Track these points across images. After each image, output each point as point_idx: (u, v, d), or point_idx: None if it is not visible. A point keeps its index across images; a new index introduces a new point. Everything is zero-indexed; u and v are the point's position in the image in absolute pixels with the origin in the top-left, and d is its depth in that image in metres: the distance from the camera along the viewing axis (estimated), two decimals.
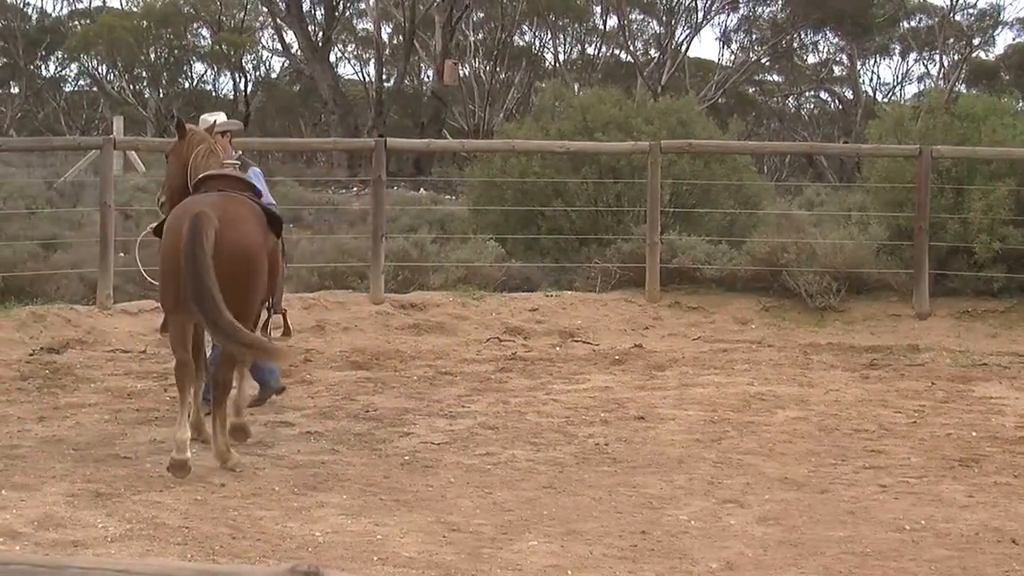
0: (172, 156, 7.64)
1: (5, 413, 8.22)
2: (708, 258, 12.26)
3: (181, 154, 7.50)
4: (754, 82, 36.77)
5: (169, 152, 7.77)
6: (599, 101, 14.59)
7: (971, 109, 12.99)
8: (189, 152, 7.45)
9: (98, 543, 5.71)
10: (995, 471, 7.31)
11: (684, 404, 8.91)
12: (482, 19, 34.30)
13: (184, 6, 34.83)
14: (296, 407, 8.63)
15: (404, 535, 5.97)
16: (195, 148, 7.45)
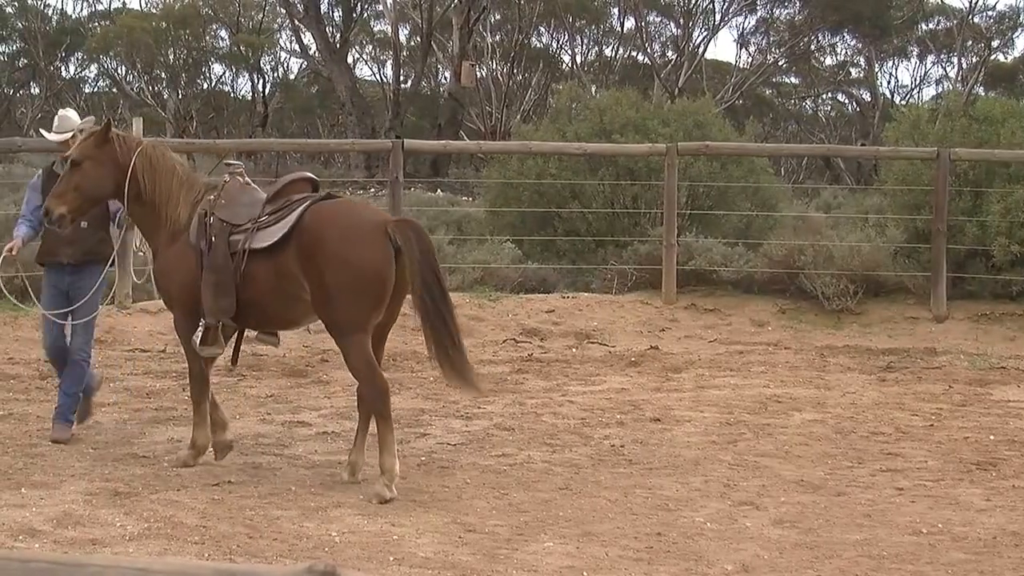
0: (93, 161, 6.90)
1: (24, 412, 8.27)
2: (725, 260, 12.25)
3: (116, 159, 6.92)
4: (771, 84, 36.71)
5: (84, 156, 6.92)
6: (616, 103, 14.60)
7: (989, 112, 12.95)
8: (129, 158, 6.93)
9: (116, 542, 5.74)
10: (1013, 475, 7.28)
11: (700, 406, 8.91)
12: (499, 21, 34.31)
13: (203, 7, 34.96)
14: (313, 407, 8.66)
15: (420, 535, 5.98)
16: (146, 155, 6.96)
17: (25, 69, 36.63)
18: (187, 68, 35.54)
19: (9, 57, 36.78)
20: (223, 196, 6.96)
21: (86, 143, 7.02)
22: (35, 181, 7.60)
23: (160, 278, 7.15)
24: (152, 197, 7.02)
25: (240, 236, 6.80)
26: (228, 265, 6.77)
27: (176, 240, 6.98)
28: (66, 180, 6.98)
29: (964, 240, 11.94)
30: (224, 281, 6.77)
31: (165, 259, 7.04)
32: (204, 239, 6.85)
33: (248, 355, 10.28)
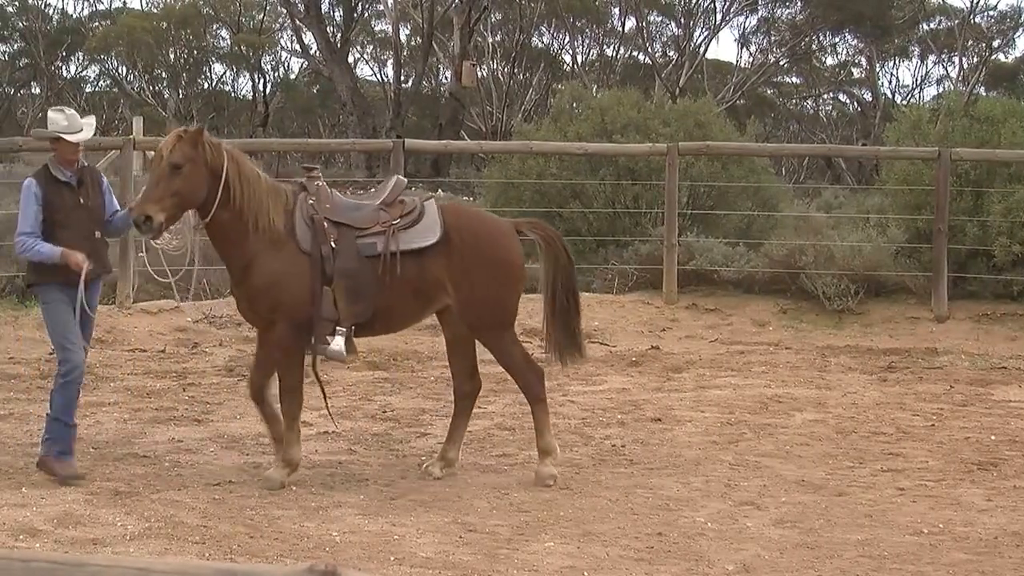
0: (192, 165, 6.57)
1: (25, 411, 8.27)
2: (726, 260, 12.24)
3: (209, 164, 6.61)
4: (772, 84, 36.70)
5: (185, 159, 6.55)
6: (617, 103, 14.59)
7: (990, 111, 12.94)
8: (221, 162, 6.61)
9: (117, 541, 5.74)
10: (1014, 475, 7.28)
11: (701, 406, 8.90)
12: (500, 20, 34.31)
13: (204, 7, 34.97)
14: (314, 407, 8.65)
15: (421, 535, 5.98)
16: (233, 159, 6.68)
17: (26, 69, 36.65)
18: (188, 68, 35.56)
19: (10, 57, 36.80)
20: (324, 200, 6.77)
21: (182, 146, 6.52)
22: (34, 190, 6.66)
23: (265, 289, 6.63)
24: (241, 204, 6.61)
25: (372, 239, 6.70)
26: (363, 268, 6.66)
27: (279, 248, 6.63)
28: (164, 185, 6.45)
29: (965, 240, 11.94)
30: (360, 285, 6.65)
31: (270, 269, 6.61)
32: (322, 244, 6.64)
33: (248, 355, 10.28)
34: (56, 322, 6.70)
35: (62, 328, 6.68)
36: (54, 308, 6.71)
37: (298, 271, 6.62)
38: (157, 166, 6.56)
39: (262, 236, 6.63)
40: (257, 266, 6.65)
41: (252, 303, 6.76)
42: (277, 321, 6.68)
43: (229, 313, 11.05)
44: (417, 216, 6.78)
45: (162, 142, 6.62)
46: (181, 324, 10.83)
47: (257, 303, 6.72)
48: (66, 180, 6.71)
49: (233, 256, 6.73)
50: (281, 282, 6.63)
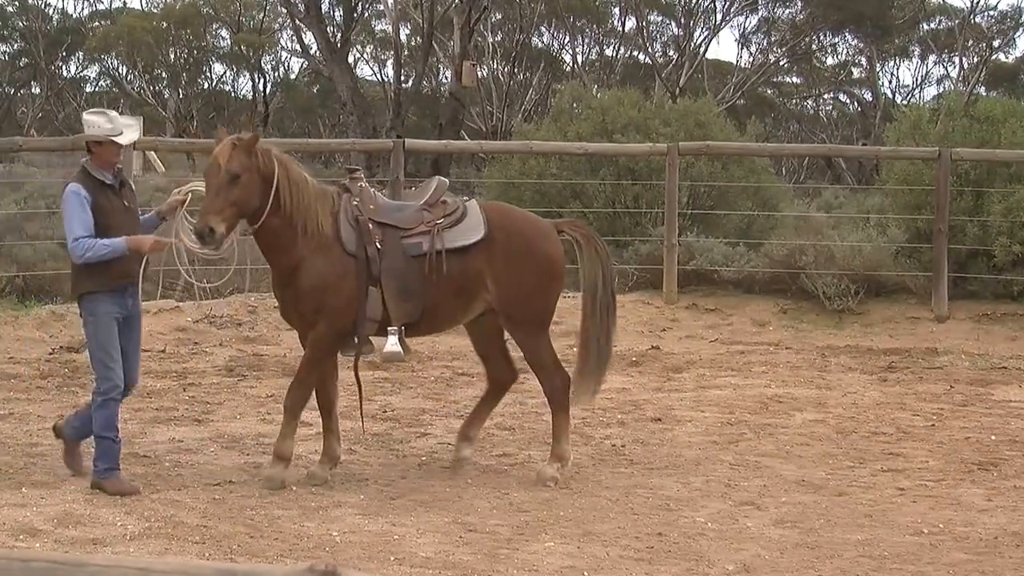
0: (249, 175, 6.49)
1: (25, 411, 8.27)
2: (726, 260, 12.24)
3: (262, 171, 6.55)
4: (773, 84, 36.69)
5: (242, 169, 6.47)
6: (617, 103, 14.59)
7: (991, 111, 12.94)
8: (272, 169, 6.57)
9: (117, 541, 5.74)
10: (1014, 475, 7.28)
11: (701, 406, 8.90)
12: (500, 20, 34.31)
13: (204, 7, 34.97)
14: (313, 407, 8.64)
15: (421, 535, 5.98)
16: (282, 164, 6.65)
17: (26, 69, 36.64)
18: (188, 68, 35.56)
19: (10, 57, 36.80)
20: (368, 201, 6.81)
21: (239, 155, 6.45)
22: (82, 194, 6.47)
23: (311, 292, 6.64)
24: (290, 210, 6.58)
25: (417, 239, 6.76)
26: (411, 268, 6.72)
27: (326, 251, 6.65)
28: (223, 195, 6.39)
29: (965, 240, 11.94)
30: (408, 285, 6.71)
31: (319, 273, 6.62)
32: (367, 245, 6.68)
33: (248, 355, 10.28)
34: (101, 338, 6.54)
35: (107, 344, 6.54)
36: (101, 322, 6.54)
37: (344, 273, 6.67)
38: (215, 176, 6.45)
39: (310, 240, 6.65)
40: (304, 269, 6.65)
41: (298, 305, 6.74)
42: (319, 322, 6.72)
43: (229, 313, 11.05)
44: (460, 215, 6.88)
45: (217, 150, 6.51)
46: (181, 324, 10.82)
47: (303, 305, 6.72)
48: (110, 183, 6.59)
49: (281, 261, 6.70)
50: (327, 285, 6.65)
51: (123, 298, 6.57)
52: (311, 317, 6.73)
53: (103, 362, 6.56)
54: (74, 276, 6.66)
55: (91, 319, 6.56)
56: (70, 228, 6.41)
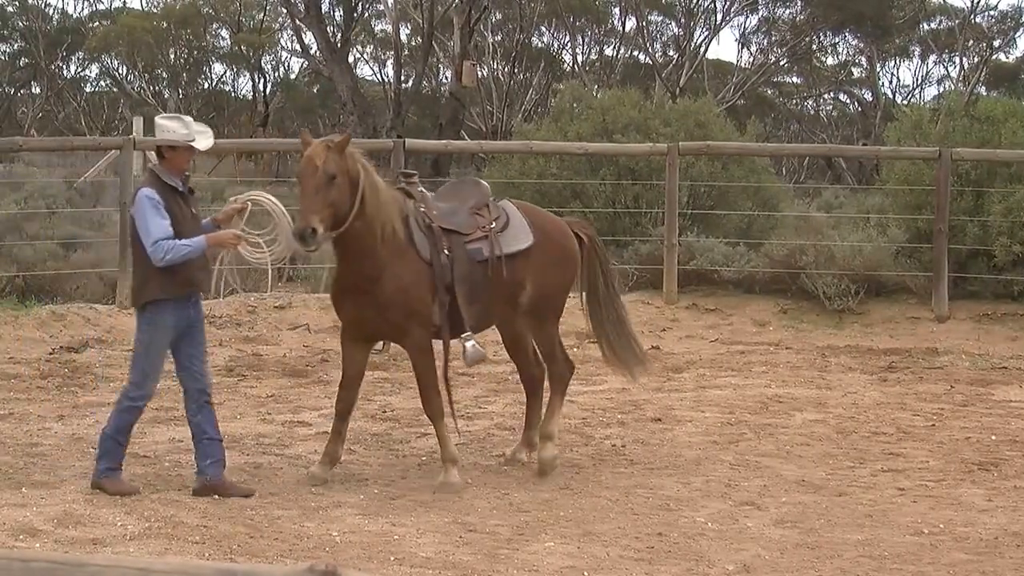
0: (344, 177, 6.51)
1: (25, 411, 8.27)
2: (726, 260, 12.24)
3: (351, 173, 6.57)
4: (773, 84, 36.67)
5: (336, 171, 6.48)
6: (618, 103, 14.59)
7: (991, 111, 12.93)
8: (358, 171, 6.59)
9: (117, 541, 5.73)
10: (1015, 475, 7.27)
11: (701, 406, 8.90)
12: (500, 20, 34.31)
13: (204, 7, 34.97)
14: (313, 407, 8.66)
15: (421, 535, 5.98)
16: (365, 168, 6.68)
17: (26, 69, 36.64)
18: (188, 68, 35.56)
19: (10, 56, 36.79)
20: (431, 207, 6.92)
21: (333, 156, 6.46)
22: (156, 198, 6.36)
23: (400, 298, 6.68)
24: (372, 214, 6.59)
25: (478, 244, 6.92)
26: (476, 273, 6.88)
27: (403, 256, 6.70)
28: (321, 196, 6.37)
29: (966, 240, 11.93)
30: (475, 289, 6.87)
31: (400, 277, 6.68)
32: (440, 252, 6.76)
33: (248, 355, 10.28)
34: (152, 347, 6.51)
35: (156, 355, 6.52)
36: (159, 332, 6.50)
37: (424, 279, 6.74)
38: (312, 176, 6.41)
39: (387, 246, 6.67)
40: (388, 276, 6.66)
41: (385, 313, 6.71)
42: (412, 328, 6.76)
43: (229, 313, 11.05)
44: (507, 220, 7.09)
45: (310, 152, 6.47)
46: None
47: (391, 312, 6.71)
48: (181, 190, 6.52)
49: (362, 267, 6.66)
50: (411, 290, 6.71)
51: (187, 307, 6.54)
52: (402, 323, 6.74)
53: (144, 370, 6.52)
54: (139, 283, 6.54)
55: (149, 327, 6.49)
56: (147, 231, 6.31)
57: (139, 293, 6.55)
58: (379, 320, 6.76)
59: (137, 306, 6.62)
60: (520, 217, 7.17)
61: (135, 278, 6.63)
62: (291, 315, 11.10)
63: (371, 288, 6.66)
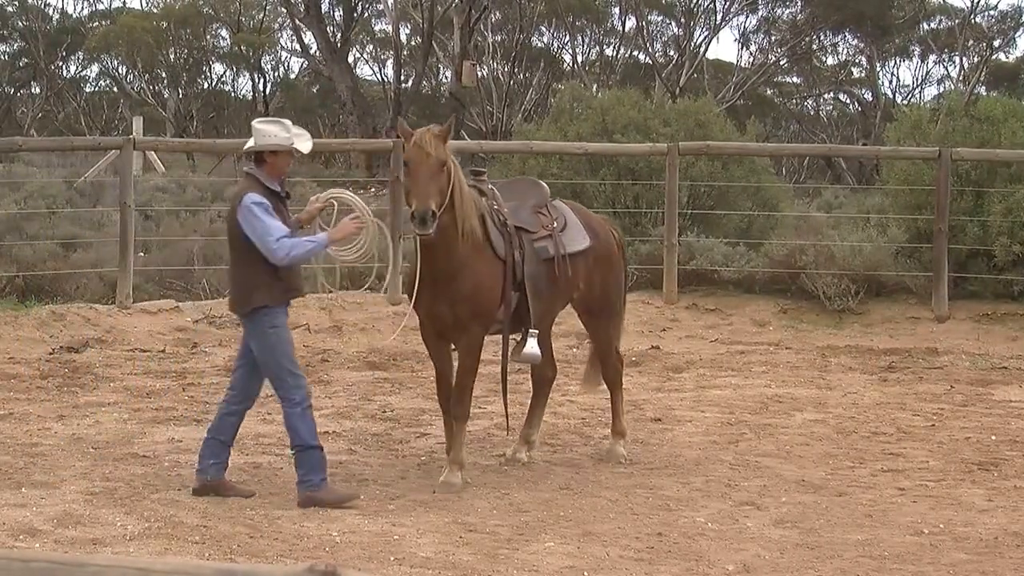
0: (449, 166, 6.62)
1: (25, 411, 8.27)
2: (726, 260, 12.24)
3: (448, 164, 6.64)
4: (773, 84, 36.68)
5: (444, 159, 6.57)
6: (618, 103, 14.58)
7: (991, 111, 12.93)
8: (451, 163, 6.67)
9: (117, 541, 5.73)
10: (1015, 475, 7.27)
11: (701, 406, 8.90)
12: (500, 20, 34.31)
13: (203, 7, 34.97)
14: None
15: (421, 535, 5.98)
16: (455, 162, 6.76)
17: (25, 69, 36.64)
18: (188, 67, 35.56)
19: (10, 57, 36.80)
20: (501, 205, 6.98)
21: (439, 144, 6.50)
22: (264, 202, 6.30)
23: (471, 295, 6.69)
24: (458, 208, 6.59)
25: (544, 243, 7.01)
26: (542, 271, 6.98)
27: (481, 254, 6.72)
28: (434, 181, 6.40)
29: (966, 240, 11.93)
30: (542, 288, 6.97)
31: (477, 275, 6.70)
32: (515, 251, 6.81)
33: None
34: (280, 346, 6.42)
35: (290, 354, 6.47)
36: (282, 334, 6.44)
37: (497, 277, 6.78)
38: (424, 162, 6.44)
39: (467, 242, 6.68)
40: (466, 272, 6.68)
41: (454, 308, 6.71)
42: (473, 326, 6.78)
43: (229, 313, 11.04)
44: (565, 220, 7.23)
45: (417, 138, 6.49)
46: (181, 324, 10.82)
47: (460, 308, 6.72)
48: (281, 194, 6.48)
49: (446, 261, 6.62)
50: (484, 288, 6.76)
51: (285, 312, 6.50)
52: (467, 320, 6.75)
53: (291, 372, 6.45)
54: (246, 289, 6.41)
55: (272, 331, 6.40)
56: (266, 232, 6.23)
57: (246, 299, 6.44)
58: (447, 315, 6.75)
59: (243, 312, 6.50)
60: (575, 218, 7.31)
61: (240, 284, 6.47)
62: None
63: (447, 284, 6.66)
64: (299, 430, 6.41)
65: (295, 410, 6.42)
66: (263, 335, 6.41)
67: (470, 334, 6.79)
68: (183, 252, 12.86)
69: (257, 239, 6.26)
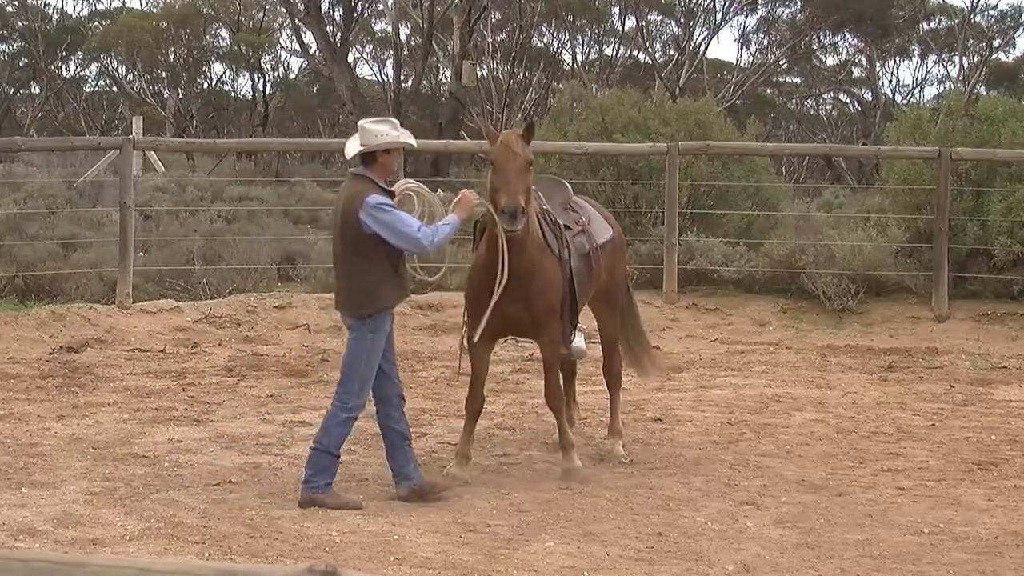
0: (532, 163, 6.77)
1: (25, 411, 8.27)
2: (726, 260, 12.24)
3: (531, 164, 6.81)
4: (772, 84, 36.69)
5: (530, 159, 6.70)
6: (617, 102, 14.58)
7: (991, 111, 12.93)
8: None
9: (116, 541, 5.73)
10: (1014, 474, 7.27)
11: (701, 406, 8.90)
12: (500, 20, 34.31)
13: (203, 7, 34.97)
14: (313, 407, 8.65)
15: (421, 535, 5.98)
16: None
17: (25, 68, 36.63)
18: (187, 67, 35.57)
19: (9, 56, 36.80)
20: (545, 202, 7.11)
21: (524, 143, 6.64)
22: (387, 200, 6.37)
23: (546, 290, 6.80)
24: (531, 207, 6.70)
25: (580, 238, 7.18)
26: (583, 266, 7.16)
27: (544, 252, 6.83)
28: (523, 180, 6.52)
29: (966, 240, 11.93)
30: (583, 282, 7.15)
31: (546, 272, 6.82)
32: (565, 247, 6.97)
33: (248, 355, 10.28)
34: (374, 355, 6.43)
35: (375, 364, 6.46)
36: (379, 340, 6.45)
37: (558, 273, 6.90)
38: (512, 160, 6.55)
39: (534, 241, 6.78)
40: (537, 270, 6.78)
41: (531, 306, 6.80)
42: (550, 322, 6.89)
43: (229, 313, 11.05)
44: (589, 214, 7.44)
45: (507, 140, 6.62)
46: (181, 324, 10.81)
47: (537, 306, 6.82)
48: (389, 191, 6.50)
49: (519, 259, 6.68)
50: (553, 284, 6.87)
51: (391, 317, 6.56)
52: (544, 317, 6.85)
53: (365, 378, 6.45)
54: (367, 291, 6.41)
55: (372, 336, 6.41)
56: (404, 225, 6.30)
57: (368, 301, 6.42)
58: (523, 315, 6.81)
59: (362, 315, 6.45)
60: (595, 211, 7.58)
61: (360, 286, 6.42)
62: (291, 315, 11.10)
63: (522, 282, 6.72)
64: (332, 433, 6.46)
65: (341, 415, 6.47)
66: (363, 337, 6.44)
67: (550, 330, 6.92)
68: (183, 252, 12.86)
69: (396, 233, 6.30)
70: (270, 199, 17.48)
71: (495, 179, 6.58)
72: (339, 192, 6.77)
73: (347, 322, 6.62)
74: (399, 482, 6.57)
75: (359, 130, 6.50)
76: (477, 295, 6.85)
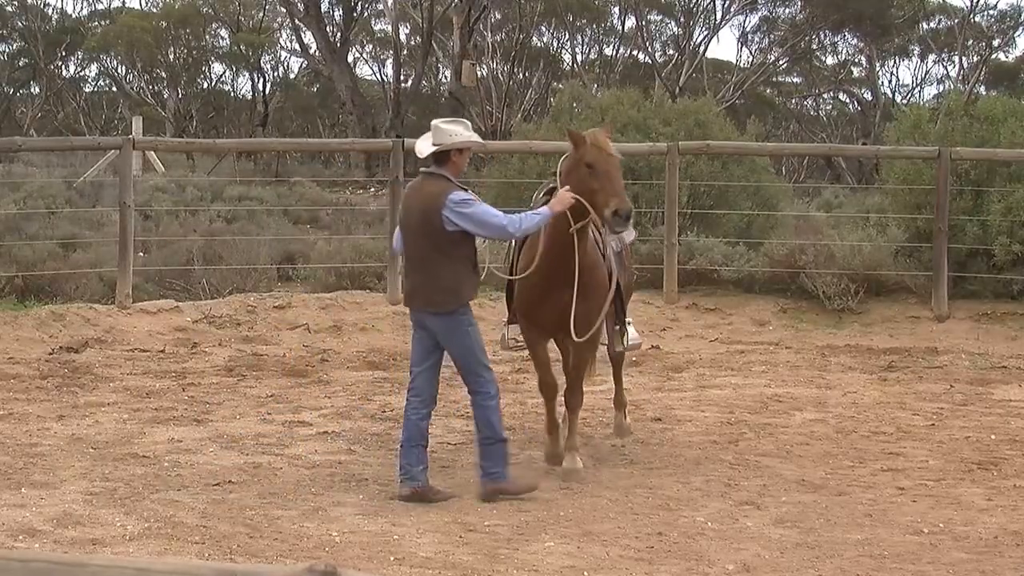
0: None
1: (25, 411, 8.27)
2: (726, 259, 12.24)
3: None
4: (772, 83, 36.70)
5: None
6: (617, 102, 14.59)
7: (991, 111, 12.92)
8: None
9: (116, 542, 5.73)
10: (1014, 474, 7.27)
11: (701, 405, 8.90)
12: (500, 20, 34.31)
13: (203, 7, 34.97)
14: (313, 407, 8.65)
15: (421, 535, 5.98)
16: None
17: (25, 68, 36.64)
18: (187, 67, 35.58)
19: (9, 56, 36.80)
20: None
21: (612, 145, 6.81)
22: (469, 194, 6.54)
23: (599, 291, 6.89)
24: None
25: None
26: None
27: (595, 250, 6.95)
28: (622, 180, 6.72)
29: (965, 239, 11.93)
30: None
31: (601, 270, 6.93)
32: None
33: (248, 355, 10.28)
34: (481, 343, 6.62)
35: (484, 348, 6.65)
36: (477, 329, 6.64)
37: (605, 271, 6.99)
38: (610, 161, 6.62)
39: (589, 240, 6.86)
40: (590, 269, 6.85)
41: (587, 303, 6.84)
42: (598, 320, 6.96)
43: (228, 313, 11.04)
44: None
45: (601, 142, 6.67)
46: (181, 324, 10.81)
47: (593, 303, 6.87)
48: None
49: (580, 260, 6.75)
50: (605, 283, 6.95)
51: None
52: (595, 316, 6.89)
53: (486, 366, 6.62)
54: (453, 287, 6.52)
55: (470, 328, 6.57)
56: (490, 215, 6.45)
57: (454, 297, 6.53)
58: (579, 312, 6.80)
59: (448, 310, 6.55)
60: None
61: (446, 282, 6.51)
62: (291, 315, 11.10)
63: (586, 282, 6.79)
64: (493, 423, 6.61)
65: (490, 403, 6.60)
66: (464, 334, 6.56)
67: (597, 328, 6.98)
68: (183, 252, 12.86)
69: (483, 224, 6.44)
70: (270, 199, 17.48)
71: (594, 181, 6.57)
72: (409, 191, 6.80)
73: (418, 318, 6.66)
74: (404, 481, 6.57)
75: (432, 129, 6.60)
76: (530, 296, 6.94)
